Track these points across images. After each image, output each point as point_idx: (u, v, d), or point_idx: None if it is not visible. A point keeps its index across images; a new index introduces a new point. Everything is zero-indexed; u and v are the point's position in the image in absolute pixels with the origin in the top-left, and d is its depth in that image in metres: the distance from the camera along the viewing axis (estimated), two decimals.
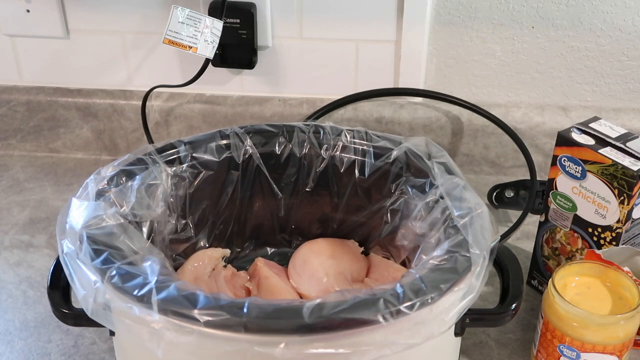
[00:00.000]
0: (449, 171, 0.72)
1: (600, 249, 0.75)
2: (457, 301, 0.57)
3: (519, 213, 0.91)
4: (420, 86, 1.05)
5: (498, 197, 0.98)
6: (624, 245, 0.74)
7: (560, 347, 0.67)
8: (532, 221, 0.90)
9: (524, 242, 0.92)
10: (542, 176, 0.93)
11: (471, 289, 0.58)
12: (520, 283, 0.65)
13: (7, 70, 1.11)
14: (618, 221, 0.73)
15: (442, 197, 0.69)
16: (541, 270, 0.83)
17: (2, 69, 1.11)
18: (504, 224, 0.94)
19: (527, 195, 0.94)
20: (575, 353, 0.66)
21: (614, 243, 0.74)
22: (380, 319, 0.53)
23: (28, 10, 1.04)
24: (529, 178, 0.94)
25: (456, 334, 0.64)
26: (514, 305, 0.63)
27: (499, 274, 0.67)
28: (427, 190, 0.72)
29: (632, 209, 0.72)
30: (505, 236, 0.89)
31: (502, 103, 1.06)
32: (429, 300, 0.55)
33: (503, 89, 1.06)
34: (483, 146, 1.06)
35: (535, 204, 0.91)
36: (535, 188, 0.92)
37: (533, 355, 0.72)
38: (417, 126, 1.05)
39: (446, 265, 0.59)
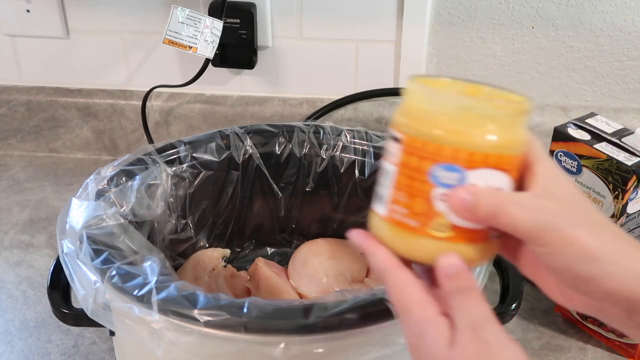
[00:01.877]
0: None
1: None
2: None
3: None
4: None
5: None
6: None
7: (435, 171, 0.44)
8: None
9: None
10: None
11: None
12: (520, 283, 0.65)
13: (7, 70, 1.11)
14: (613, 215, 0.73)
15: None
16: None
17: (2, 69, 1.11)
18: None
19: None
20: (458, 175, 0.44)
21: None
22: (381, 319, 0.53)
23: (28, 10, 1.04)
24: None
25: None
26: (514, 305, 0.63)
27: (499, 274, 0.67)
28: None
29: (626, 203, 0.72)
30: None
31: None
32: None
33: None
34: None
35: None
36: None
37: (380, 216, 0.48)
38: None
39: None
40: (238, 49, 1.02)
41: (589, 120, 0.77)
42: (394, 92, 1.05)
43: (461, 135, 0.43)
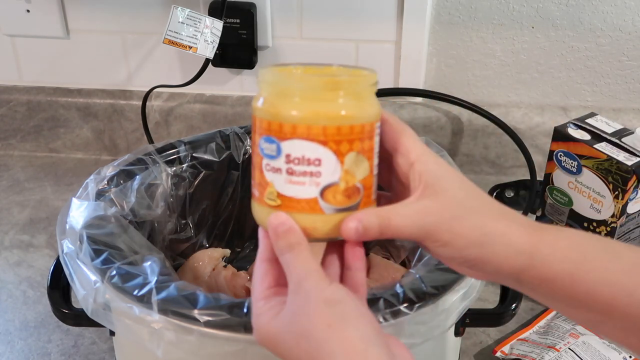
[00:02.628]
0: None
1: None
2: (457, 301, 0.57)
3: None
4: (420, 86, 1.05)
5: (498, 197, 0.98)
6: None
7: (260, 143, 0.47)
8: None
9: None
10: (542, 176, 0.93)
11: (471, 289, 0.58)
12: None
13: (7, 70, 1.11)
14: (613, 215, 0.73)
15: None
16: None
17: (2, 69, 1.11)
18: None
19: (527, 195, 0.94)
20: (274, 146, 0.46)
21: (609, 237, 0.74)
22: (380, 319, 0.53)
23: (28, 10, 1.04)
24: (529, 178, 0.94)
25: (456, 334, 0.64)
26: (514, 305, 0.63)
27: None
28: None
29: (626, 203, 0.72)
30: None
31: (502, 103, 1.06)
32: (429, 300, 0.55)
33: (503, 89, 1.06)
34: (483, 146, 1.06)
35: (536, 204, 0.91)
36: (535, 188, 0.92)
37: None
38: (417, 126, 1.05)
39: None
40: (238, 49, 1.02)
41: (589, 120, 0.77)
42: (394, 92, 1.05)
43: (273, 108, 0.46)
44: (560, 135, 0.76)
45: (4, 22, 1.06)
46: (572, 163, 0.75)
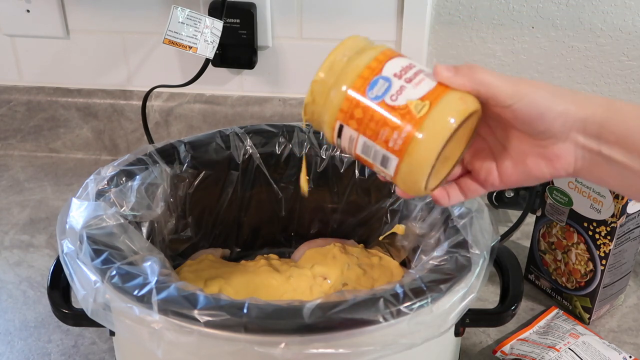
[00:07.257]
0: None
1: (596, 244, 0.75)
2: (457, 301, 0.57)
3: (519, 213, 0.91)
4: None
5: (498, 197, 0.97)
6: None
7: (369, 99, 0.51)
8: (532, 221, 0.90)
9: (524, 241, 0.92)
10: None
11: (471, 289, 0.58)
12: (520, 283, 0.65)
13: (7, 70, 1.11)
14: (613, 216, 0.73)
15: None
16: (538, 265, 0.84)
17: (2, 69, 1.11)
18: (504, 224, 0.94)
19: (527, 195, 0.94)
20: (381, 79, 0.52)
21: (609, 237, 0.74)
22: (380, 319, 0.53)
23: (28, 10, 1.04)
24: None
25: (456, 334, 0.64)
26: (514, 306, 0.63)
27: (499, 274, 0.67)
28: None
29: (626, 203, 0.72)
30: (505, 236, 0.89)
31: None
32: (429, 300, 0.55)
33: None
34: None
35: (536, 204, 0.91)
36: (535, 188, 0.92)
37: (398, 165, 0.51)
38: None
39: (446, 265, 0.59)
40: (238, 49, 1.02)
41: None
42: None
43: (352, 62, 0.53)
44: None
45: (4, 22, 1.06)
46: None
